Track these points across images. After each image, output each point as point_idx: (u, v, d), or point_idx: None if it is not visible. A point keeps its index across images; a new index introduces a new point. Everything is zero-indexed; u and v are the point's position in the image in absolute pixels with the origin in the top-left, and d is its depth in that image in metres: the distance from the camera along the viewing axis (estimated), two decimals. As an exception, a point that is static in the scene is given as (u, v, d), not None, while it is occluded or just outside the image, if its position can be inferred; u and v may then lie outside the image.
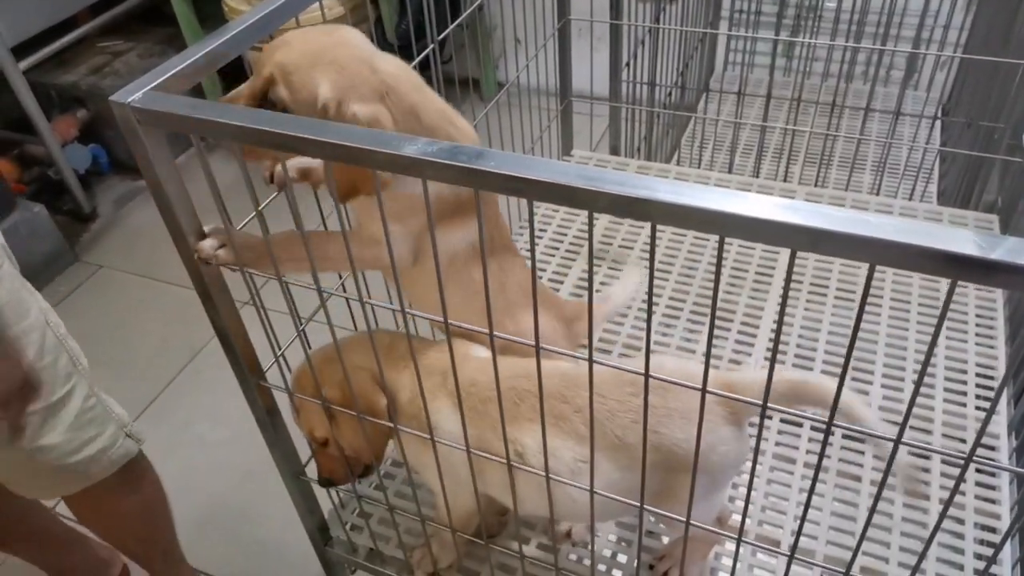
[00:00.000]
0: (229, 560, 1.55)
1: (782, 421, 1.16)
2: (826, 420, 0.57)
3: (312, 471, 0.97)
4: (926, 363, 0.51)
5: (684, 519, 0.71)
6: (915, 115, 1.80)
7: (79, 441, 1.03)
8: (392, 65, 0.80)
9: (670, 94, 1.83)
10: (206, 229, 0.78)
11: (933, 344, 0.49)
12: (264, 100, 0.78)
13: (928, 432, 1.12)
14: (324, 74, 0.75)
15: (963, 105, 1.90)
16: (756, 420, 0.81)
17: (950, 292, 0.46)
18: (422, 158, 0.58)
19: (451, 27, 1.27)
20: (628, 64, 1.64)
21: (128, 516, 1.21)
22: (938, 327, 0.48)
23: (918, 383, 0.53)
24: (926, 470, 1.07)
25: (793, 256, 0.50)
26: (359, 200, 0.81)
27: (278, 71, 0.76)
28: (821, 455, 0.61)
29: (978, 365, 1.21)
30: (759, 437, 0.64)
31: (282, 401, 0.92)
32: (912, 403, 0.53)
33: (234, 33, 0.78)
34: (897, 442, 0.55)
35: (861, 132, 1.58)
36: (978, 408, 1.14)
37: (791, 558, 0.70)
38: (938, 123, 1.86)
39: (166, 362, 2.00)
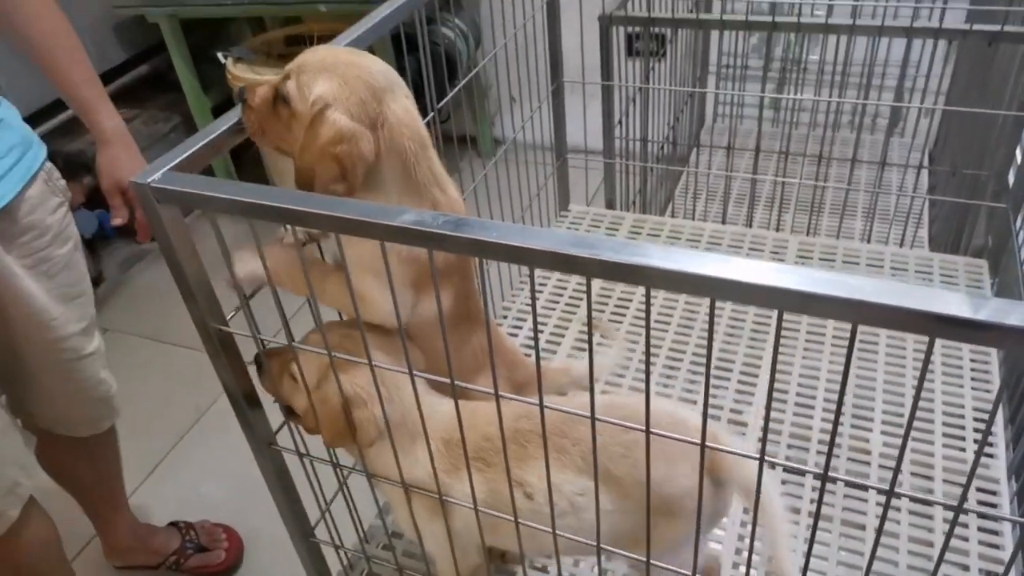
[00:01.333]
0: (234, 623, 1.54)
1: (785, 471, 1.17)
2: (822, 471, 0.59)
3: (321, 532, 0.98)
4: (913, 411, 0.53)
5: (658, 562, 0.73)
6: (901, 165, 1.85)
7: None
8: (401, 109, 0.82)
9: (662, 148, 1.88)
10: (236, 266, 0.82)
11: (918, 394, 0.52)
12: (279, 92, 0.81)
13: (929, 479, 1.13)
14: (327, 79, 0.78)
15: (948, 152, 1.95)
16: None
17: (929, 348, 0.49)
18: (427, 230, 0.61)
19: (449, 95, 1.32)
20: (620, 122, 1.70)
21: None
22: (921, 378, 0.50)
23: (906, 432, 0.55)
24: (928, 517, 1.08)
25: (780, 316, 0.53)
26: (347, 253, 0.85)
27: (294, 67, 0.80)
28: (819, 504, 0.63)
29: (975, 410, 1.22)
30: (758, 490, 0.65)
31: (292, 463, 0.93)
32: (902, 452, 0.55)
33: (236, 121, 0.82)
34: (890, 494, 0.57)
35: (849, 181, 1.62)
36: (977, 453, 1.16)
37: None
38: (925, 170, 1.91)
39: (172, 422, 2.01)
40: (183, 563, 1.60)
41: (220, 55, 2.44)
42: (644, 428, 0.65)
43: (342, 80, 0.79)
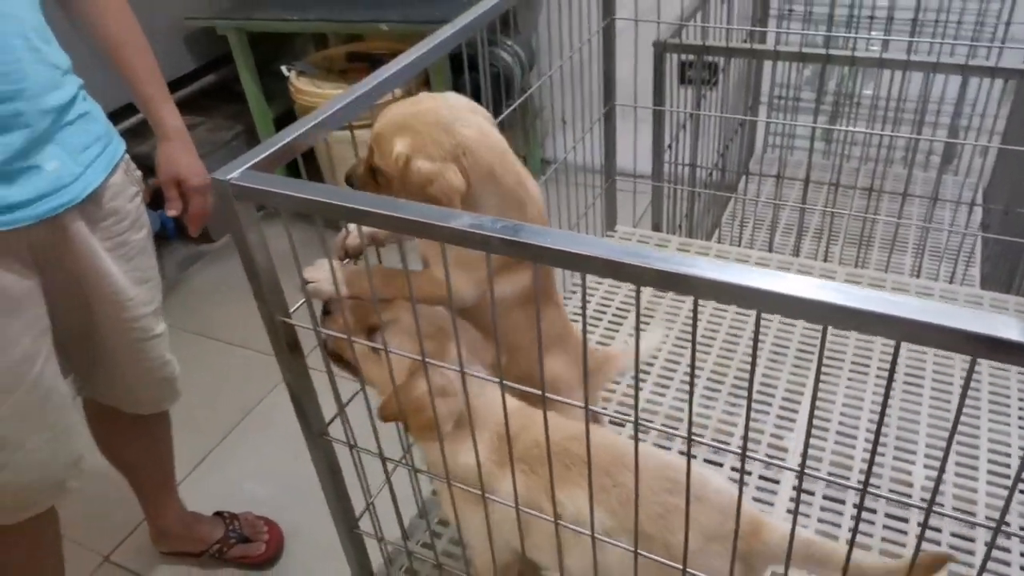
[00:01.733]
0: (271, 617, 1.58)
1: (824, 497, 1.17)
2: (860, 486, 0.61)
3: (364, 525, 1.01)
4: (950, 443, 0.54)
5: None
6: (953, 201, 1.84)
7: None
8: (473, 130, 0.88)
9: (711, 174, 1.90)
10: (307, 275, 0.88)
11: (956, 422, 0.53)
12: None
13: (972, 513, 1.12)
14: (400, 137, 0.87)
15: (1002, 191, 1.93)
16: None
17: (970, 370, 0.51)
18: (484, 233, 0.65)
19: (504, 113, 1.36)
20: (670, 146, 1.72)
21: None
22: (962, 398, 0.52)
23: (942, 464, 0.56)
24: (970, 552, 1.07)
25: (825, 332, 0.55)
26: (429, 250, 0.92)
27: (373, 140, 0.89)
28: (855, 531, 0.64)
29: (1021, 449, 1.21)
30: (795, 518, 0.67)
31: (342, 454, 0.97)
32: (937, 484, 0.56)
33: (315, 123, 0.87)
34: (928, 510, 0.58)
35: (900, 215, 1.62)
36: (1021, 491, 1.15)
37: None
38: (977, 207, 1.89)
39: (219, 419, 2.07)
40: (226, 552, 1.65)
41: (284, 68, 2.55)
42: (685, 498, 0.68)
43: (413, 132, 0.87)
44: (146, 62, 1.25)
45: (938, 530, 1.11)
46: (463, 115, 0.89)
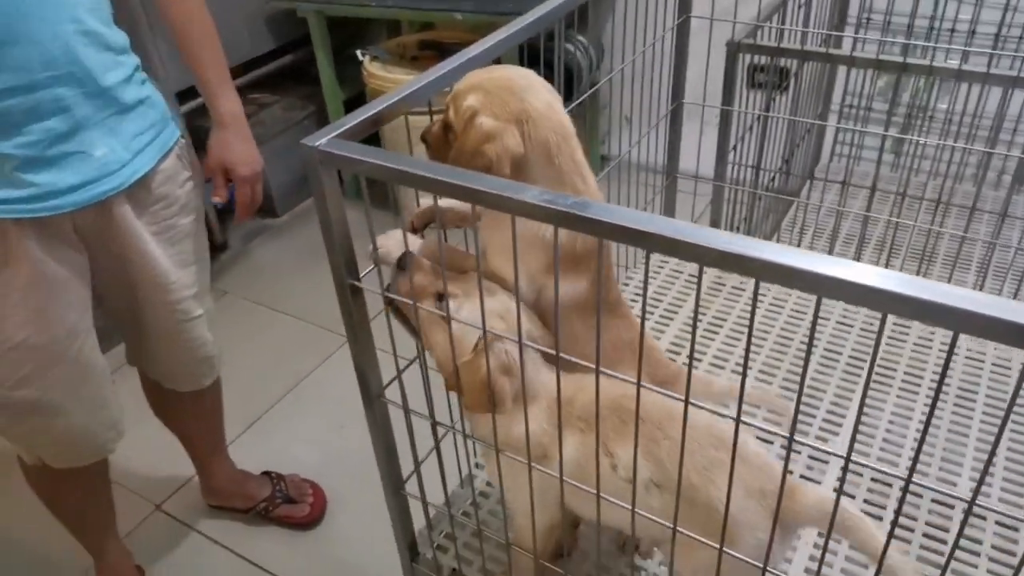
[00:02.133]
0: (308, 574, 1.64)
1: (873, 480, 1.18)
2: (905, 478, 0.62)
3: (411, 487, 1.05)
4: (991, 457, 0.55)
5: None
6: (1023, 218, 1.79)
7: None
8: (543, 104, 0.91)
9: (774, 179, 1.89)
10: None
11: (1002, 429, 0.54)
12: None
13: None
14: (473, 94, 0.91)
15: (1077, 215, 1.88)
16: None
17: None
18: (554, 207, 0.67)
19: (569, 107, 1.38)
20: (735, 147, 1.72)
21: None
22: (1013, 398, 0.53)
23: (979, 482, 0.57)
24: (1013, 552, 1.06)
25: (884, 321, 0.57)
26: (486, 236, 0.94)
27: (450, 97, 0.93)
28: (897, 514, 0.65)
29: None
30: (838, 498, 0.68)
31: (395, 416, 1.01)
32: (973, 501, 0.57)
33: (395, 100, 0.91)
34: (972, 502, 0.59)
35: (966, 230, 1.59)
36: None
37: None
38: (1049, 229, 1.84)
39: (272, 385, 2.15)
40: (271, 511, 1.71)
41: (359, 53, 2.61)
42: (731, 452, 0.71)
43: (484, 90, 0.91)
44: (208, 47, 1.23)
45: (983, 518, 1.11)
46: (536, 88, 0.92)
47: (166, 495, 1.85)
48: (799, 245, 1.88)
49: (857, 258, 1.77)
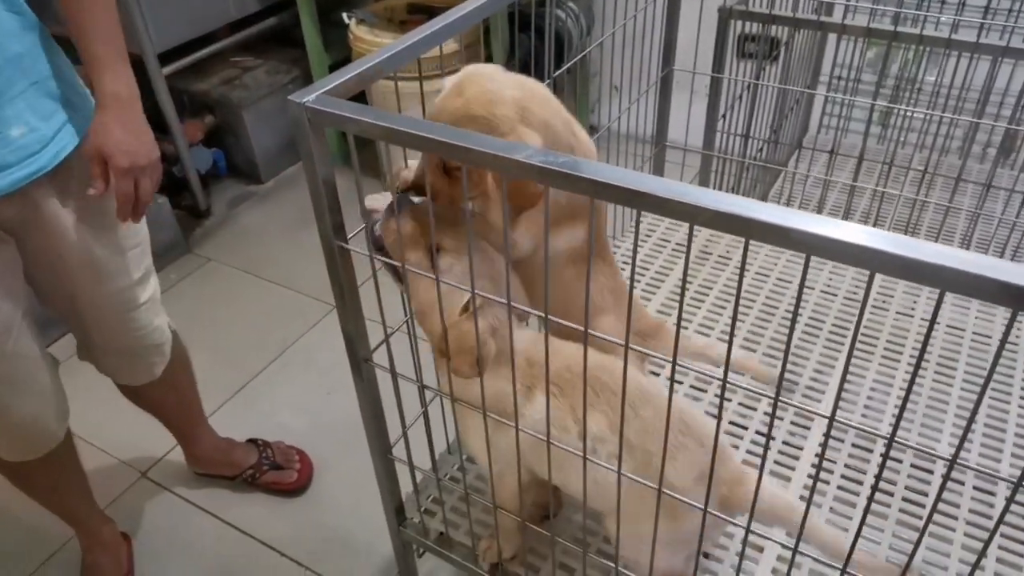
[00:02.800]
0: (297, 539, 1.65)
1: (854, 446, 1.19)
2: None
3: (398, 451, 1.06)
4: (980, 397, 0.56)
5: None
6: (1007, 189, 1.81)
7: None
8: (519, 90, 0.90)
9: (762, 149, 1.89)
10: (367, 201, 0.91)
11: (989, 377, 0.55)
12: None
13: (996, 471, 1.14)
14: (473, 127, 0.86)
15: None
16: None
17: (1012, 319, 0.52)
18: (548, 167, 0.67)
19: (559, 71, 1.37)
20: (724, 116, 1.72)
21: None
22: (999, 349, 0.53)
23: (961, 439, 0.58)
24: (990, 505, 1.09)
25: (871, 279, 0.57)
26: (489, 194, 0.93)
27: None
28: (878, 481, 0.66)
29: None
30: (820, 462, 0.69)
31: (382, 381, 1.01)
32: (955, 458, 0.58)
33: (380, 60, 0.90)
34: (953, 461, 0.60)
35: (951, 201, 1.60)
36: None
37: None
38: (1032, 201, 1.86)
39: (258, 353, 2.14)
40: (258, 478, 1.72)
41: (345, 16, 2.57)
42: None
43: (474, 120, 0.86)
44: (100, 15, 1.04)
45: (960, 483, 1.13)
46: (501, 79, 0.90)
47: (151, 462, 1.84)
48: (786, 215, 1.88)
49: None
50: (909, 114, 1.88)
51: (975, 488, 1.15)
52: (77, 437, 1.41)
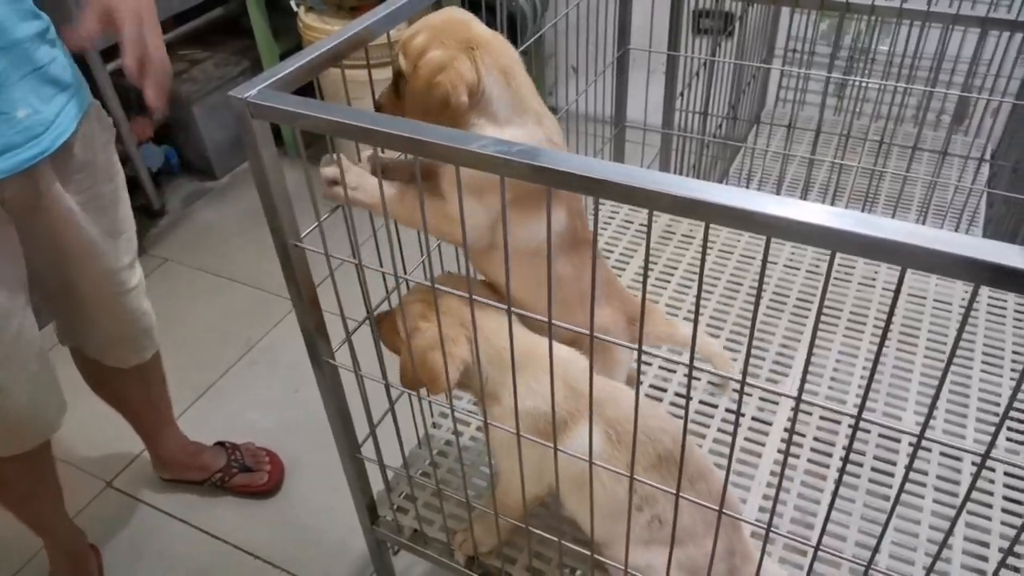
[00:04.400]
0: (270, 541, 1.63)
1: (822, 418, 1.21)
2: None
3: (368, 450, 1.04)
4: (942, 383, 0.56)
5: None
6: (962, 156, 1.83)
7: None
8: (488, 33, 0.90)
9: (721, 125, 1.89)
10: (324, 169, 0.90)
11: (956, 343, 0.55)
12: (397, 76, 0.91)
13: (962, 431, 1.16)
14: (422, 35, 0.89)
15: (1012, 152, 1.93)
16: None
17: (972, 296, 0.52)
18: (502, 156, 0.65)
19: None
20: (682, 94, 1.71)
21: None
22: (961, 327, 0.53)
23: (932, 403, 0.58)
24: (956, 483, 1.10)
25: (832, 259, 0.56)
26: (445, 176, 0.90)
27: (400, 45, 0.90)
28: (846, 458, 0.66)
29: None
30: (788, 442, 0.69)
31: (346, 378, 0.99)
32: (921, 435, 0.58)
33: (329, 47, 0.87)
34: (920, 437, 0.60)
35: (908, 169, 1.62)
36: (1008, 439, 1.18)
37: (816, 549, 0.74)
38: (985, 166, 1.89)
39: (223, 353, 2.10)
40: (228, 481, 1.69)
41: (293, 3, 2.50)
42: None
43: (430, 28, 0.88)
44: None
45: (928, 450, 1.15)
46: (478, 21, 0.91)
47: (116, 471, 1.80)
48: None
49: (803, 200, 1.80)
50: (864, 85, 1.89)
51: (942, 455, 1.17)
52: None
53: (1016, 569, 1.04)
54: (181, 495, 1.73)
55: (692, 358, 0.68)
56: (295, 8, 2.48)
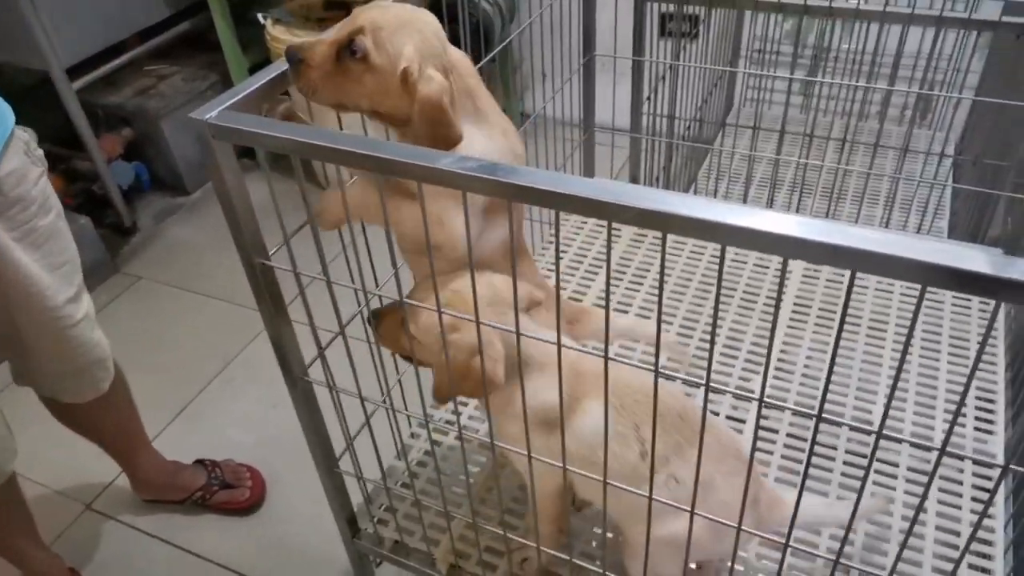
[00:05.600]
0: (253, 557, 1.62)
1: (793, 414, 1.22)
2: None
3: (346, 463, 1.04)
4: (898, 375, 0.57)
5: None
6: (924, 152, 1.87)
7: None
8: (456, 51, 0.90)
9: (689, 127, 1.91)
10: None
11: (907, 342, 0.56)
12: (344, 48, 0.83)
13: (929, 439, 1.18)
14: (410, 37, 0.83)
15: (973, 146, 1.97)
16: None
17: (920, 296, 0.53)
18: (464, 172, 0.66)
19: (482, 62, 1.36)
20: (649, 98, 1.73)
21: None
22: (912, 326, 0.55)
23: (890, 396, 0.60)
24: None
25: (785, 265, 0.58)
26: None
27: (369, 24, 0.83)
28: (809, 456, 0.67)
29: (978, 389, 1.27)
30: (753, 443, 0.70)
31: (320, 395, 0.99)
32: (890, 400, 0.59)
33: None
34: (879, 435, 0.61)
35: (871, 166, 1.65)
36: (976, 428, 1.21)
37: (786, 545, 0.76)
38: (948, 160, 1.93)
39: (199, 369, 2.08)
40: (208, 499, 1.67)
41: (260, 16, 2.50)
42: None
43: (422, 36, 0.84)
44: None
45: (898, 441, 1.17)
46: (441, 30, 0.88)
47: (95, 493, 1.78)
48: (716, 192, 1.91)
49: (770, 201, 1.82)
50: (827, 84, 1.92)
51: (912, 446, 1.19)
52: (11, 474, 1.35)
53: (986, 556, 1.06)
54: (162, 515, 1.71)
55: (657, 361, 0.69)
56: (262, 21, 2.47)
